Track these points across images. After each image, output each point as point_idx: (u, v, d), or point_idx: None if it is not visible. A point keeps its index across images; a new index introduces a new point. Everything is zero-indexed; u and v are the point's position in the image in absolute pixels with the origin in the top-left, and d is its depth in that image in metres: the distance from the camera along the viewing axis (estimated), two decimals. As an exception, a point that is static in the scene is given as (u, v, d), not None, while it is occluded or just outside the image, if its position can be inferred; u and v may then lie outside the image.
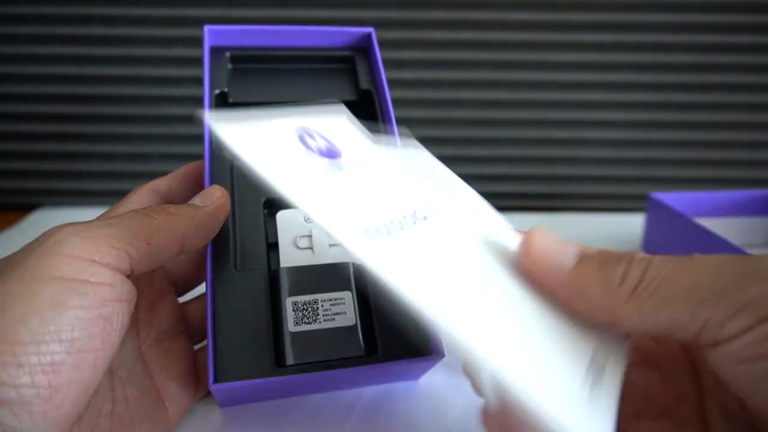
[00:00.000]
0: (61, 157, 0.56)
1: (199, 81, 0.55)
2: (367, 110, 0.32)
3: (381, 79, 0.31)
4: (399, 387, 0.28)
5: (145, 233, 0.21)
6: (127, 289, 0.20)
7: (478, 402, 0.27)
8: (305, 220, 0.28)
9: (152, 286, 0.26)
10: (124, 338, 0.24)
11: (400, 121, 0.31)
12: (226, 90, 0.31)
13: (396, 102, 0.32)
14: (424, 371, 0.27)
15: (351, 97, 0.33)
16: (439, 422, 0.25)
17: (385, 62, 0.33)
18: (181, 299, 0.29)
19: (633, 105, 0.56)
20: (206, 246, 0.25)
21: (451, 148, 0.57)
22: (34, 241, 0.19)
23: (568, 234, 0.19)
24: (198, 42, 0.51)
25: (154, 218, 0.22)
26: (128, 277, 0.21)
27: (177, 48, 0.53)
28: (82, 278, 0.18)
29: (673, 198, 0.44)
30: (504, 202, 0.59)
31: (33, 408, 0.17)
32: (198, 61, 0.52)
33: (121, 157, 0.56)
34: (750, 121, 0.57)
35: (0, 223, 0.50)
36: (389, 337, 0.25)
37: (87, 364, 0.18)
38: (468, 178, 0.24)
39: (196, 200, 0.24)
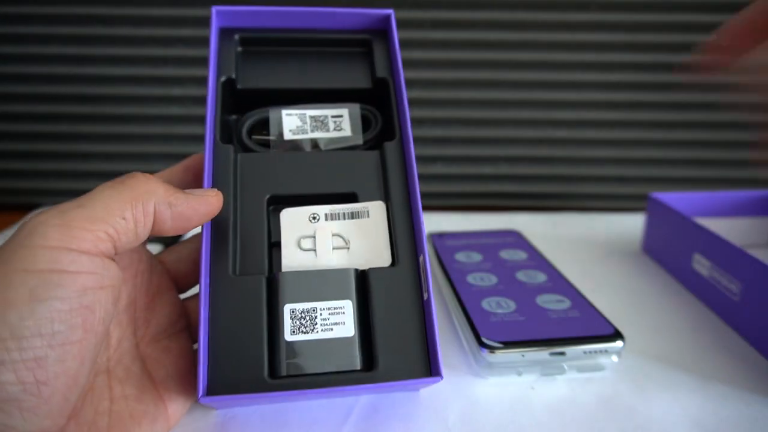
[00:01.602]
0: (61, 157, 0.56)
1: (200, 80, 0.55)
2: (382, 99, 0.31)
3: (398, 66, 0.30)
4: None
5: (118, 208, 0.20)
6: (109, 274, 0.20)
7: (478, 403, 0.27)
8: (310, 220, 0.27)
9: (150, 283, 0.26)
10: (120, 336, 0.24)
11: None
12: (233, 76, 0.30)
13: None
14: (423, 386, 0.27)
15: (365, 85, 0.31)
16: (439, 423, 0.25)
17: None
18: (184, 295, 0.28)
19: (633, 105, 0.56)
20: (202, 248, 0.25)
21: (451, 148, 0.57)
22: (9, 237, 0.19)
23: (568, 234, 0.19)
24: (199, 42, 0.52)
25: (124, 187, 0.21)
26: (114, 258, 0.20)
27: (177, 48, 0.53)
28: (58, 268, 0.18)
29: (673, 198, 0.44)
30: (504, 202, 0.59)
31: (22, 404, 0.17)
32: (199, 61, 0.52)
33: (121, 157, 0.56)
34: (750, 121, 0.56)
35: (0, 223, 0.50)
36: (387, 352, 0.24)
37: (71, 356, 0.18)
38: (468, 178, 0.24)
39: (189, 191, 0.23)
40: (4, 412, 0.17)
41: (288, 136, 0.30)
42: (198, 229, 0.25)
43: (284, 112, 0.30)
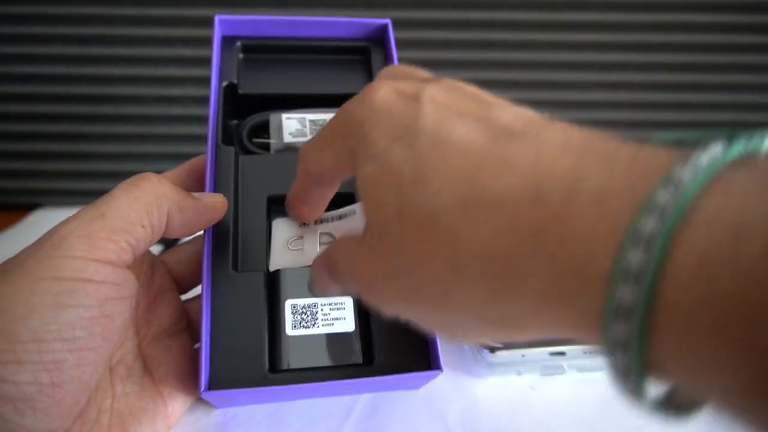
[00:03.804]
0: (61, 157, 0.56)
1: (200, 80, 0.55)
2: None
3: None
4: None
5: (137, 216, 0.21)
6: (129, 285, 0.20)
7: (478, 403, 0.27)
8: (300, 225, 0.28)
9: (152, 284, 0.26)
10: (123, 335, 0.24)
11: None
12: (234, 81, 0.31)
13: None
14: (423, 383, 0.27)
15: None
16: (439, 423, 0.25)
17: (385, 62, 0.33)
18: (185, 296, 0.29)
19: (633, 105, 0.56)
20: (204, 246, 0.25)
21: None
22: (31, 245, 0.19)
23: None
24: (199, 42, 0.52)
25: (140, 191, 0.21)
26: (131, 265, 0.21)
27: (177, 47, 0.53)
28: (84, 277, 0.19)
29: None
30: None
31: (36, 404, 0.17)
32: (199, 61, 0.52)
33: (121, 157, 0.56)
34: (750, 120, 0.57)
35: (0, 223, 0.50)
36: (387, 346, 0.24)
37: (88, 361, 0.19)
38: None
39: (196, 195, 0.24)
40: (17, 410, 0.17)
41: (288, 139, 0.30)
42: (200, 231, 0.25)
43: (284, 116, 0.31)
